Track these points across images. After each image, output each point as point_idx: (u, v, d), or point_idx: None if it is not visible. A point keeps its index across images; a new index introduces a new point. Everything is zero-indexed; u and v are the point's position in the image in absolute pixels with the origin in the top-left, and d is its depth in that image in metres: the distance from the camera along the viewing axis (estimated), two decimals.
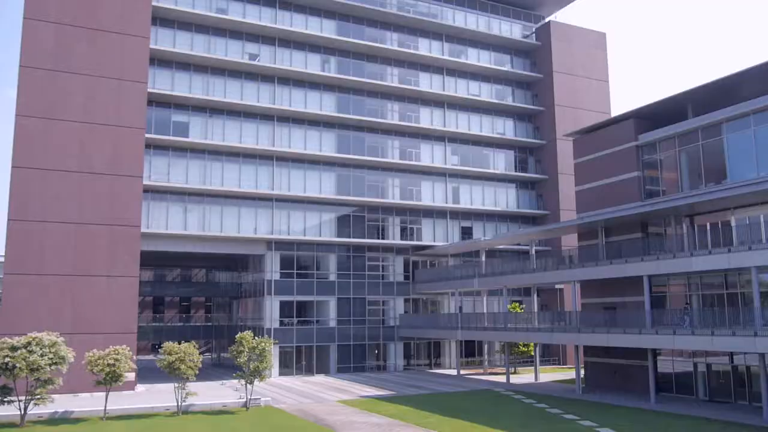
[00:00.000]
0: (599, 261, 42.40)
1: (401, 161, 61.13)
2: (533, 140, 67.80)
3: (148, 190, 50.42)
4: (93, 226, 45.47)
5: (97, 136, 46.64)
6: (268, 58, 57.49)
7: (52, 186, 44.80)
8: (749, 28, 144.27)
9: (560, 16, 71.01)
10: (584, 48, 69.68)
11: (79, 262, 44.79)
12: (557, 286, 62.60)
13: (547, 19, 70.68)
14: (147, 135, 49.52)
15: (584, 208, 49.32)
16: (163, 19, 53.81)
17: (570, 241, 56.96)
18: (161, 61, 53.34)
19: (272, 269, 55.45)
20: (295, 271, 56.50)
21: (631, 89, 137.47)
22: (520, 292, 62.92)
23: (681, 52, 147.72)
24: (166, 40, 53.68)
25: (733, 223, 37.49)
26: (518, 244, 62.64)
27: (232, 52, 56.20)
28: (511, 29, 69.90)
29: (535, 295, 56.99)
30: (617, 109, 76.06)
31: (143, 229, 48.63)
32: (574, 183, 51.94)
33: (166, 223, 51.67)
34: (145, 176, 49.14)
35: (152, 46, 51.25)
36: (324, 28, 60.07)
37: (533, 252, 52.69)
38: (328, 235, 57.77)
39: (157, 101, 52.31)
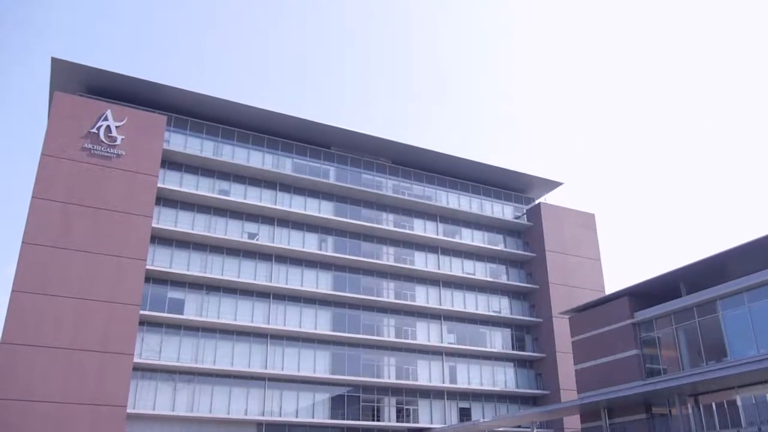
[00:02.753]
0: None
1: (397, 339, 60.38)
2: (529, 318, 67.54)
3: (138, 368, 49.19)
4: (78, 406, 43.83)
5: (92, 312, 46.42)
6: (266, 237, 58.78)
7: (40, 363, 43.77)
8: (739, 201, 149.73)
9: (549, 198, 73.99)
10: (574, 228, 71.64)
11: None
12: None
13: (537, 201, 73.36)
14: (141, 311, 49.28)
15: (585, 388, 47.97)
16: (166, 200, 55.55)
17: (573, 422, 54.76)
18: (161, 239, 54.31)
19: None
20: None
21: (624, 265, 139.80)
22: None
23: (671, 227, 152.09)
24: (168, 219, 55.05)
25: (739, 403, 36.32)
26: (519, 426, 60.10)
27: (232, 231, 57.50)
28: (503, 210, 72.27)
29: None
30: (611, 285, 76.79)
31: (129, 410, 46.74)
32: (573, 361, 50.99)
33: (154, 403, 49.74)
34: (135, 353, 48.23)
35: (154, 224, 52.50)
36: (322, 209, 62.09)
37: None
38: (322, 417, 55.49)
39: (155, 278, 52.57)
